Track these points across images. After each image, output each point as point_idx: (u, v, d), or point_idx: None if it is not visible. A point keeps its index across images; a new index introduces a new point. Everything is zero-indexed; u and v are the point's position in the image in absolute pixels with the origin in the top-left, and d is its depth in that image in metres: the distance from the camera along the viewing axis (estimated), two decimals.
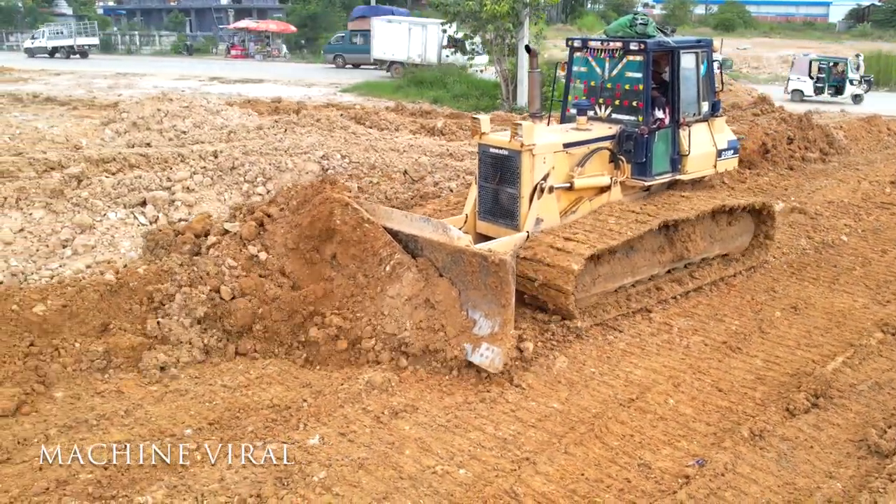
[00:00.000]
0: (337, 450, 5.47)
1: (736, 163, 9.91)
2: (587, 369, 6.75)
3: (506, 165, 7.86)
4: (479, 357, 6.36)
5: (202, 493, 5.01)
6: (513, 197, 7.88)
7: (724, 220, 8.89)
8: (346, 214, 7.13)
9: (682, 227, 8.27)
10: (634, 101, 8.54)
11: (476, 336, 6.48)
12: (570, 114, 9.03)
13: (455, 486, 5.08)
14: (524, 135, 7.60)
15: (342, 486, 5.07)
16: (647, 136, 8.34)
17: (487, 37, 20.99)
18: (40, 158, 10.53)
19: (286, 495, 4.96)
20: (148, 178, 9.82)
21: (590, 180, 8.27)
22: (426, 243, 6.99)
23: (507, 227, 7.97)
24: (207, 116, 13.82)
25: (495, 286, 6.37)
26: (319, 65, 40.09)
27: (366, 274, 7.02)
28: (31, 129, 13.51)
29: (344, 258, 7.13)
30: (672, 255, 8.31)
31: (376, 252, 7.04)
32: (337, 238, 7.15)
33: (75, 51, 45.26)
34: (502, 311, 6.38)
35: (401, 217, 7.41)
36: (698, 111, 9.04)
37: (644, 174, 8.52)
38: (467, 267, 6.57)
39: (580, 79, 9.18)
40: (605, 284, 7.68)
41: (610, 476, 5.22)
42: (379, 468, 5.27)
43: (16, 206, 9.32)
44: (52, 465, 5.33)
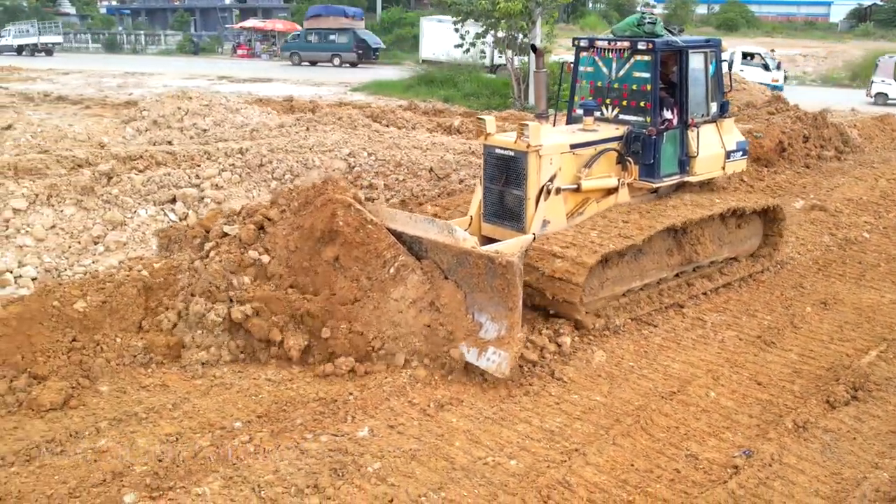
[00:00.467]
0: (387, 441, 5.54)
1: (745, 164, 9.81)
2: (625, 363, 6.82)
3: (512, 166, 7.76)
4: (485, 361, 6.25)
5: (258, 483, 5.08)
6: (519, 198, 7.77)
7: (734, 223, 8.78)
8: (348, 216, 6.98)
9: (691, 230, 8.14)
10: (642, 101, 8.44)
11: (482, 340, 6.35)
12: (577, 114, 8.96)
13: (508, 476, 5.15)
14: (530, 135, 7.49)
15: (396, 476, 5.14)
16: (655, 137, 8.23)
17: (499, 35, 21.06)
18: (68, 156, 10.61)
19: (342, 485, 5.03)
20: (177, 176, 9.88)
21: (597, 182, 8.14)
22: (431, 245, 6.87)
23: (512, 230, 7.86)
24: (227, 115, 13.89)
25: (502, 288, 6.24)
26: (280, 62, 41.08)
27: (369, 276, 6.87)
28: (51, 127, 13.57)
29: (347, 260, 6.97)
30: (681, 258, 8.18)
31: (380, 254, 6.89)
32: (340, 240, 6.98)
33: (39, 48, 45.95)
34: (509, 315, 6.23)
35: (405, 218, 7.28)
36: (707, 112, 8.94)
37: (652, 176, 8.40)
38: (473, 269, 6.47)
39: (586, 79, 9.07)
40: (613, 288, 7.55)
41: (659, 467, 5.29)
42: (431, 459, 5.34)
43: (47, 202, 9.40)
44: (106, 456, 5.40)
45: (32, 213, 9.23)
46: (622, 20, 9.28)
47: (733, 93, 17.68)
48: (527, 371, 6.56)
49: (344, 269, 6.97)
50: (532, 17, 19.94)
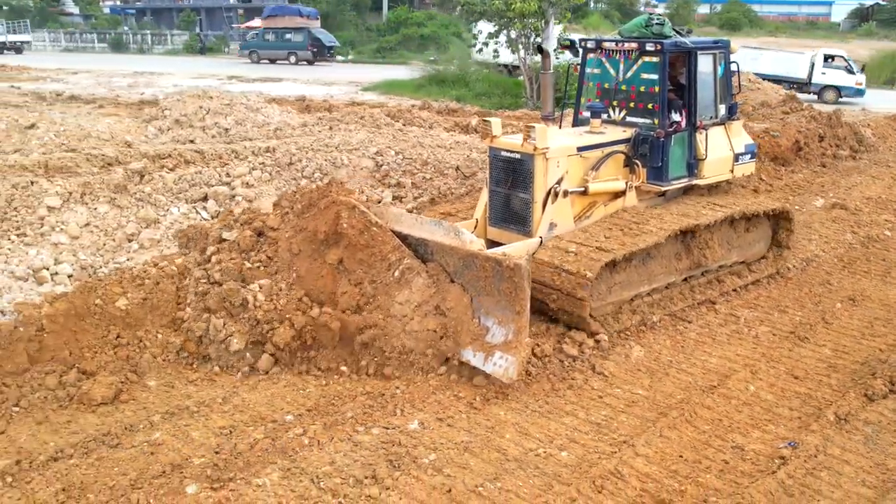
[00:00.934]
0: (439, 434, 5.65)
1: (753, 167, 9.67)
2: (664, 358, 6.93)
3: (518, 169, 7.63)
4: (491, 366, 6.15)
5: (316, 475, 5.18)
6: (525, 202, 7.66)
7: (742, 226, 8.65)
8: (352, 218, 6.82)
9: (699, 234, 8.01)
10: (650, 103, 8.33)
11: (489, 344, 6.26)
12: (583, 117, 8.85)
13: (560, 467, 5.26)
14: (537, 137, 7.37)
15: (452, 467, 5.24)
16: (664, 139, 8.11)
17: (513, 35, 21.17)
18: (97, 154, 10.72)
19: (400, 476, 5.14)
20: (207, 174, 9.99)
21: (604, 185, 8.04)
22: (437, 247, 6.74)
23: (518, 233, 7.76)
24: (248, 114, 13.99)
25: (509, 292, 6.14)
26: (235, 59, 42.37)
27: (373, 280, 6.74)
28: (74, 126, 13.65)
29: (351, 263, 6.84)
30: (689, 262, 8.05)
31: (385, 257, 6.76)
32: (344, 242, 6.85)
33: (8, 47, 46.98)
34: (517, 319, 6.14)
35: (410, 220, 7.12)
36: (715, 114, 8.81)
37: (660, 179, 8.27)
38: (480, 272, 6.35)
39: (593, 80, 8.92)
40: (621, 293, 7.42)
41: (707, 458, 5.40)
42: (483, 451, 5.44)
43: (81, 200, 9.51)
44: (163, 449, 5.50)
45: (67, 211, 9.33)
46: (622, 19, 9.27)
47: (748, 93, 17.83)
48: (567, 365, 6.67)
49: (348, 272, 6.85)
50: (546, 16, 20.05)
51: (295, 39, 39.30)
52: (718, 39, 9.08)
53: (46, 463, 5.37)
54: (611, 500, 4.92)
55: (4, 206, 9.28)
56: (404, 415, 5.91)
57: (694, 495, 4.99)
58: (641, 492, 5.01)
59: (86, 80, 31.10)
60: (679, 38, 8.47)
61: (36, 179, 9.64)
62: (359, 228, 6.79)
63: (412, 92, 25.18)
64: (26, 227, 9.11)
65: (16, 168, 10.50)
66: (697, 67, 8.34)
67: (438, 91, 24.52)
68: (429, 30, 41.80)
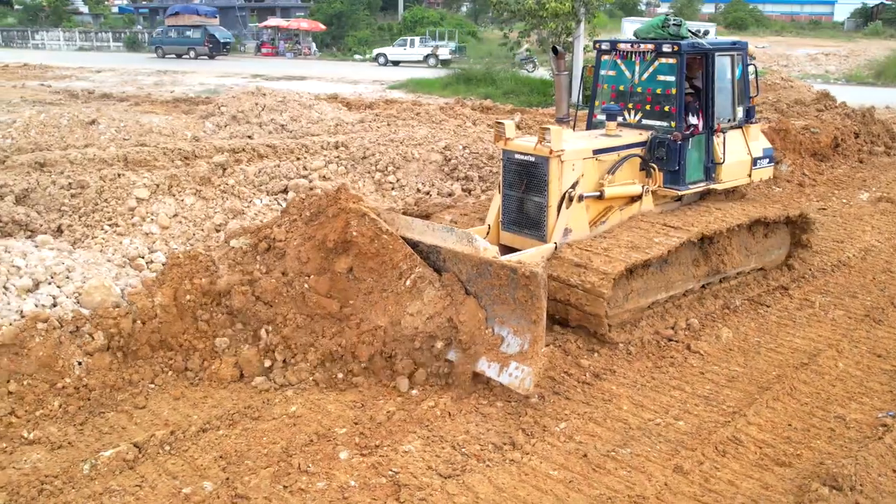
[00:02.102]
0: (560, 406, 6.05)
1: (771, 172, 9.43)
2: (751, 339, 7.33)
3: (532, 173, 7.49)
4: (507, 377, 6.02)
5: (456, 442, 5.58)
6: (539, 206, 7.50)
7: (761, 232, 8.43)
8: (362, 225, 6.61)
9: (717, 240, 7.79)
10: (666, 105, 8.15)
11: (504, 354, 6.11)
12: (597, 120, 8.73)
13: (681, 434, 5.66)
14: (552, 140, 7.20)
15: (581, 435, 5.65)
16: (681, 142, 7.95)
17: (544, 34, 21.57)
18: (174, 148, 11.08)
19: (536, 442, 5.54)
20: (286, 167, 10.37)
21: (621, 189, 7.88)
22: (449, 255, 6.55)
23: (532, 238, 7.61)
24: (302, 111, 14.38)
25: (525, 301, 5.98)
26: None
27: (384, 289, 6.59)
28: (132, 122, 14.01)
29: (361, 272, 6.66)
30: (707, 268, 7.86)
31: (395, 265, 6.57)
32: (353, 250, 6.67)
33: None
34: (532, 328, 5.98)
35: (422, 227, 6.92)
36: (733, 117, 8.65)
37: (677, 183, 8.10)
38: (494, 280, 6.19)
39: (608, 83, 8.74)
40: (639, 300, 7.23)
41: (814, 426, 5.81)
42: (606, 420, 5.85)
43: (168, 192, 9.88)
44: (303, 420, 5.88)
45: (155, 203, 9.71)
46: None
47: (780, 91, 18.24)
48: (664, 345, 7.09)
49: (358, 280, 6.69)
50: (578, 16, 20.46)
51: (193, 36, 43.22)
52: (736, 41, 8.88)
53: (198, 433, 5.75)
54: (735, 463, 5.33)
55: (95, 198, 9.66)
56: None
57: (810, 458, 5.39)
58: (762, 455, 5.42)
59: (112, 79, 31.45)
60: (696, 40, 8.32)
61: (122, 172, 10.01)
62: (369, 236, 6.60)
63: (440, 90, 25.55)
64: (118, 217, 9.48)
65: (96, 161, 10.87)
66: (715, 69, 8.16)
67: (466, 89, 24.89)
68: (445, 29, 42.16)
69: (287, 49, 43.78)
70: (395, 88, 26.91)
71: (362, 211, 6.69)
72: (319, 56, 43.54)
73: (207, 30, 43.10)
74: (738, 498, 4.95)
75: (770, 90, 18.20)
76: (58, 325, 6.48)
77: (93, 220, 9.44)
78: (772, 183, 12.70)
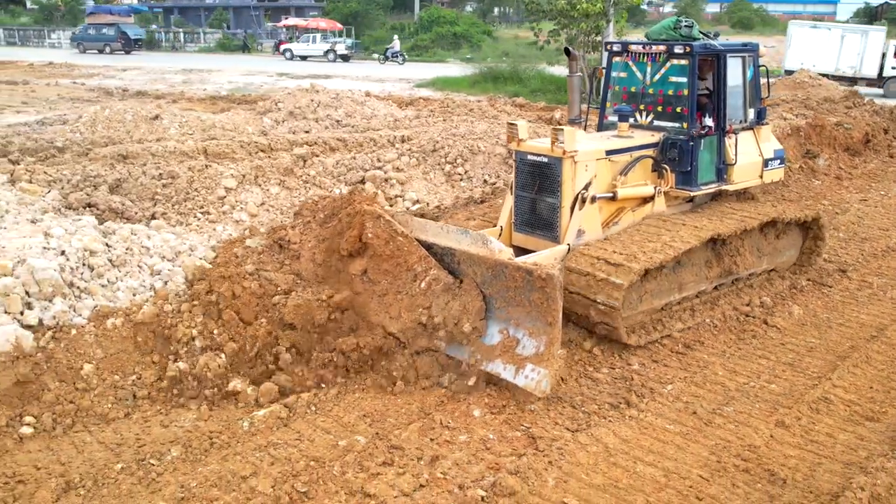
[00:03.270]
0: (661, 371, 6.68)
1: (782, 173, 9.46)
2: (820, 315, 7.95)
3: (545, 173, 7.50)
4: (522, 379, 6.03)
5: (574, 402, 6.18)
6: (553, 207, 7.52)
7: (773, 233, 8.48)
8: (378, 227, 6.60)
9: (730, 242, 7.84)
10: (678, 107, 8.19)
11: (519, 356, 6.14)
12: (608, 121, 8.81)
13: (776, 395, 6.28)
14: (566, 141, 7.21)
15: (687, 396, 6.26)
16: (693, 143, 7.99)
17: (573, 33, 22.16)
18: (249, 142, 11.69)
19: (648, 402, 6.15)
20: (361, 159, 10.98)
21: (633, 190, 7.90)
22: (464, 257, 6.55)
23: (545, 239, 7.64)
24: (356, 107, 14.98)
25: (541, 303, 6.00)
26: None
27: (398, 290, 6.58)
28: (193, 117, 14.60)
29: (375, 274, 6.66)
30: (720, 269, 7.89)
31: (410, 267, 6.57)
32: (368, 252, 6.68)
33: None
34: (548, 330, 6.00)
35: (436, 229, 6.92)
36: (744, 118, 8.71)
37: (689, 184, 8.14)
38: (510, 282, 6.19)
39: (619, 84, 8.78)
40: (652, 301, 7.27)
41: (894, 389, 6.42)
42: (706, 384, 6.46)
43: (255, 182, 10.48)
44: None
45: (243, 192, 10.31)
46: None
47: (809, 88, 18.86)
48: (743, 320, 7.71)
49: (372, 282, 6.69)
50: (608, 16, 21.06)
51: (108, 33, 47.47)
52: (747, 42, 8.91)
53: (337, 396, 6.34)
54: (829, 419, 5.94)
55: (186, 187, 10.26)
56: (623, 358, 6.92)
57: (895, 415, 6.01)
58: (851, 413, 6.04)
59: (140, 77, 32.01)
60: (708, 41, 8.37)
61: (210, 164, 10.61)
62: (384, 238, 6.60)
63: (468, 88, 26.15)
64: (209, 206, 10.08)
65: (177, 154, 11.47)
66: (727, 71, 8.21)
67: (493, 87, 25.49)
68: (461, 28, 42.78)
69: None
70: (423, 87, 27.51)
71: (377, 213, 6.67)
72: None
73: (120, 27, 48.02)
74: (838, 447, 5.57)
75: (799, 88, 18.83)
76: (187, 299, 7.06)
77: (185, 208, 10.04)
78: (811, 177, 13.36)
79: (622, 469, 5.30)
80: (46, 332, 6.29)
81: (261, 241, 7.50)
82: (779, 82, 19.77)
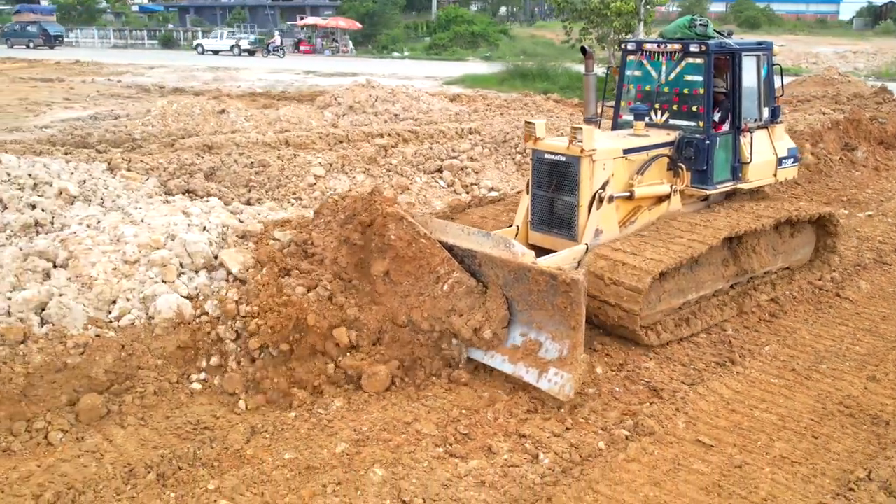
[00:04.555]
0: (754, 336, 7.41)
1: (796, 171, 9.49)
2: (887, 289, 8.68)
3: (563, 172, 7.52)
4: (546, 383, 6.07)
5: (682, 361, 6.88)
6: (570, 206, 7.55)
7: (788, 232, 8.54)
8: (401, 229, 6.59)
9: (746, 240, 7.91)
10: (693, 105, 8.24)
11: (542, 360, 6.18)
12: (622, 120, 8.90)
13: (861, 355, 7.01)
14: (584, 140, 7.24)
15: (783, 356, 6.99)
16: (709, 142, 8.06)
17: (604, 32, 22.88)
18: (327, 133, 12.38)
19: (750, 360, 6.88)
20: (438, 149, 11.68)
21: (650, 189, 7.96)
22: (486, 259, 6.57)
23: (563, 238, 7.65)
24: (411, 102, 15.69)
25: (564, 307, 6.03)
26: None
27: (420, 292, 6.56)
28: (257, 112, 15.29)
29: (398, 275, 6.63)
30: (736, 268, 7.96)
31: (433, 269, 6.57)
32: (391, 254, 6.63)
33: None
34: (572, 334, 6.04)
35: (457, 231, 6.94)
36: (759, 117, 8.75)
37: (705, 182, 8.21)
38: (532, 285, 6.22)
39: (633, 83, 8.82)
40: (670, 301, 7.34)
41: None
42: (797, 346, 7.20)
43: (341, 170, 11.17)
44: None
45: (331, 179, 11.01)
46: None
47: (839, 85, 19.59)
48: (817, 293, 8.43)
49: (394, 283, 6.66)
50: (640, 15, 21.78)
51: (31, 30, 51.22)
52: (762, 41, 8.92)
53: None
54: None
55: (278, 175, 10.95)
56: (718, 325, 7.62)
57: None
58: None
59: (169, 75, 32.64)
60: (723, 40, 8.42)
61: (298, 153, 11.30)
62: (407, 240, 6.57)
63: (496, 85, 26.82)
64: (300, 192, 10.78)
65: (259, 144, 12.18)
66: (742, 69, 8.27)
67: (522, 84, 26.16)
68: (478, 28, 43.50)
69: (325, 47, 45.04)
70: (451, 84, 28.20)
71: (400, 215, 6.64)
72: (356, 54, 44.83)
73: (42, 25, 51.95)
74: None
75: (829, 85, 19.57)
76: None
77: (279, 194, 10.73)
78: (851, 168, 14.09)
79: (741, 415, 6.02)
80: (206, 300, 6.97)
81: (290, 236, 7.34)
82: (809, 79, 20.49)
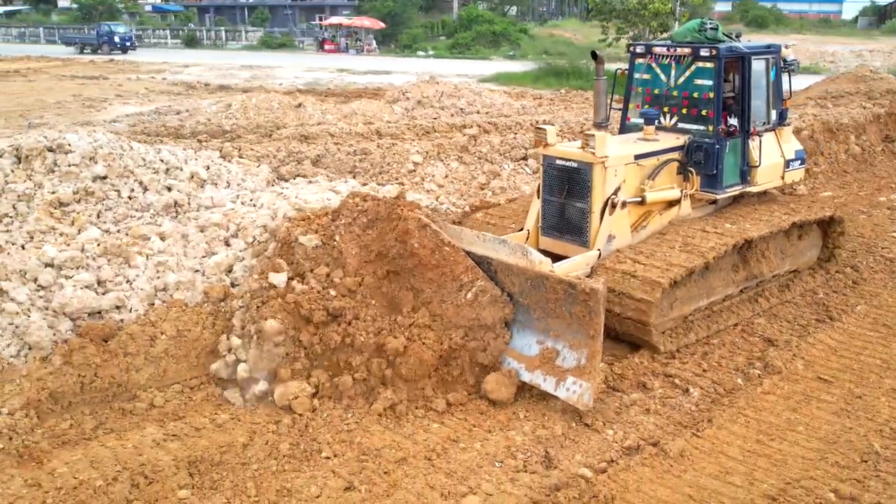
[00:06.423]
0: (841, 300, 8.43)
1: (803, 173, 9.58)
2: None
3: (575, 178, 7.52)
4: (564, 392, 6.07)
5: (786, 319, 7.89)
6: (582, 212, 7.54)
7: (796, 235, 8.63)
8: (424, 237, 6.50)
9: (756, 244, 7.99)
10: (703, 109, 8.22)
11: (560, 368, 6.17)
12: (630, 123, 8.92)
13: None
14: (597, 146, 7.26)
15: (873, 314, 8.03)
16: (719, 146, 8.09)
17: (638, 32, 23.91)
18: (416, 125, 13.38)
19: (845, 317, 7.89)
20: (521, 138, 12.68)
21: (661, 194, 7.97)
22: (502, 266, 6.53)
23: (575, 244, 7.66)
24: (475, 97, 16.70)
25: (582, 316, 6.02)
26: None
27: (443, 300, 6.49)
28: (331, 106, 16.27)
29: (420, 283, 6.56)
30: (746, 273, 8.06)
31: (456, 277, 6.49)
32: (413, 261, 6.53)
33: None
34: (590, 343, 6.03)
35: (472, 237, 6.91)
36: (768, 120, 8.81)
37: (714, 186, 8.22)
38: (550, 294, 6.20)
39: (642, 86, 8.80)
40: (682, 307, 7.40)
41: None
42: (882, 307, 8.21)
43: (437, 158, 12.17)
44: None
45: (429, 166, 12.00)
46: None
47: (871, 82, 20.61)
48: (889, 263, 9.44)
49: (417, 291, 6.56)
50: (675, 14, 22.81)
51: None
52: (770, 44, 8.96)
53: None
54: None
55: (380, 162, 11.95)
56: (809, 289, 8.62)
57: None
58: None
59: (207, 73, 33.56)
60: (733, 43, 8.40)
61: (396, 142, 12.30)
62: (430, 248, 6.49)
63: (531, 83, 27.79)
64: (402, 177, 11.77)
65: (352, 135, 13.18)
66: (751, 73, 8.26)
67: (556, 82, 27.13)
68: (499, 27, 44.50)
69: (350, 46, 46.01)
70: (486, 82, 29.21)
71: (424, 221, 6.55)
72: (380, 53, 45.78)
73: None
74: None
75: (861, 82, 20.54)
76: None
77: (382, 179, 11.72)
78: (894, 157, 15.11)
79: (849, 359, 7.05)
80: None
81: (315, 241, 6.86)
82: (842, 76, 21.47)
